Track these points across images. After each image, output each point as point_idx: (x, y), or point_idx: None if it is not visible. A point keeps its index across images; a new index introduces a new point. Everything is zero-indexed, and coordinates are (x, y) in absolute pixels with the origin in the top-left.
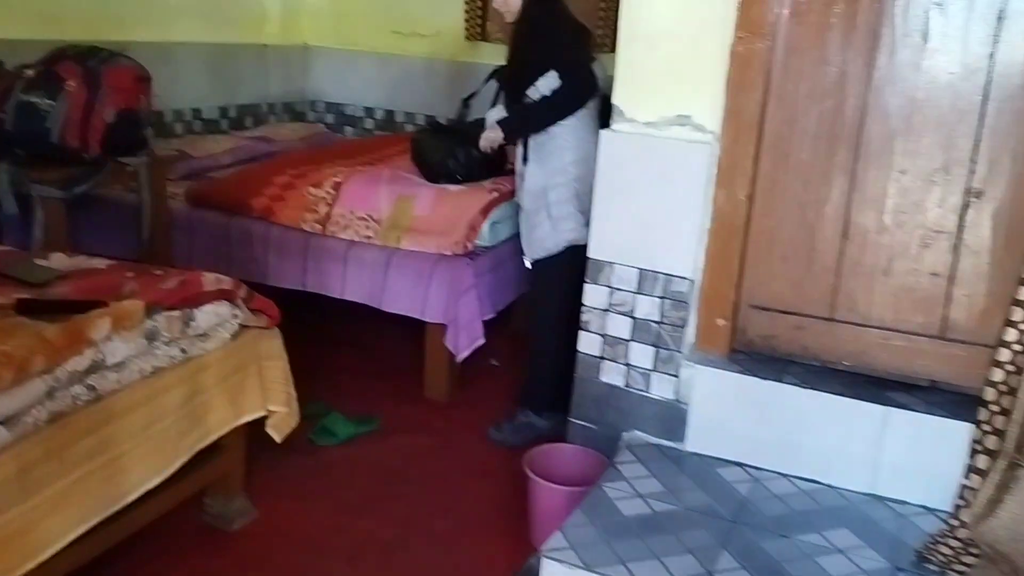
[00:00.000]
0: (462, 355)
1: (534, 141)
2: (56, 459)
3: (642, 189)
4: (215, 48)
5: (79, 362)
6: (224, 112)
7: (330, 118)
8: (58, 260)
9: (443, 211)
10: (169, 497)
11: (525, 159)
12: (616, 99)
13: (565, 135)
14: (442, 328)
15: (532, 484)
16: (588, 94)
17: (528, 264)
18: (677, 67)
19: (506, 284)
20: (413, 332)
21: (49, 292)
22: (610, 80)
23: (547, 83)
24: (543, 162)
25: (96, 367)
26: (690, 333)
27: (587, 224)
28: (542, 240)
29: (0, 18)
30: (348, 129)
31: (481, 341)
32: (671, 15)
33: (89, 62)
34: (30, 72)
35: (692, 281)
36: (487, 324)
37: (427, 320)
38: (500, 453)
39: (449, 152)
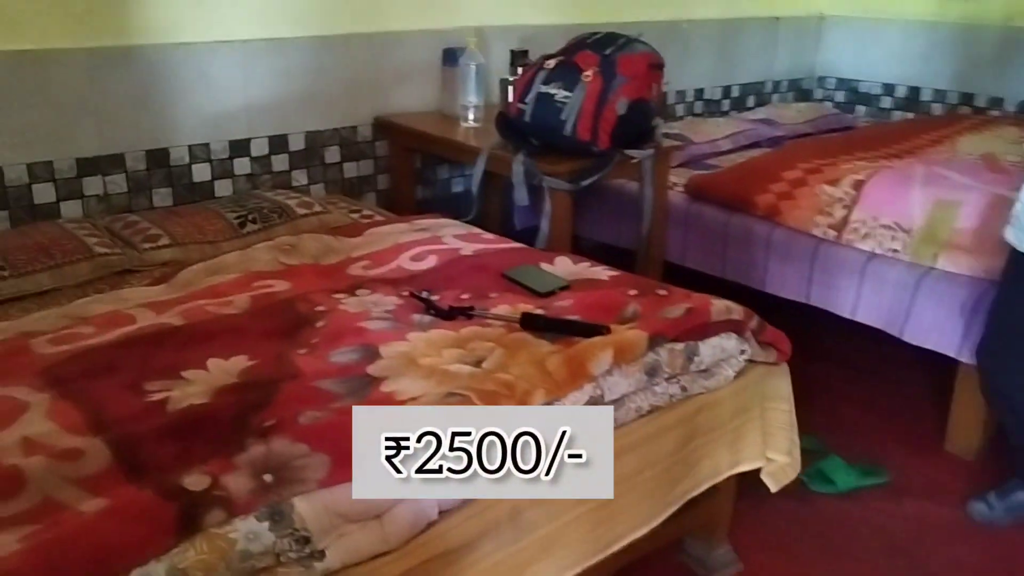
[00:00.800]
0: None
1: None
2: (545, 500)
3: None
4: (725, 24)
5: (578, 397)
6: (727, 92)
7: (840, 96)
8: (563, 265)
9: (999, 225)
10: (650, 540)
11: None
12: None
13: None
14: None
15: None
16: None
17: None
18: None
19: None
20: (934, 366)
21: (553, 304)
22: None
23: None
24: None
25: (594, 403)
26: None
27: None
28: None
29: (523, 5)
30: (860, 109)
31: None
32: None
33: (607, 50)
34: (551, 63)
35: None
36: None
37: (963, 360)
38: None
39: None
